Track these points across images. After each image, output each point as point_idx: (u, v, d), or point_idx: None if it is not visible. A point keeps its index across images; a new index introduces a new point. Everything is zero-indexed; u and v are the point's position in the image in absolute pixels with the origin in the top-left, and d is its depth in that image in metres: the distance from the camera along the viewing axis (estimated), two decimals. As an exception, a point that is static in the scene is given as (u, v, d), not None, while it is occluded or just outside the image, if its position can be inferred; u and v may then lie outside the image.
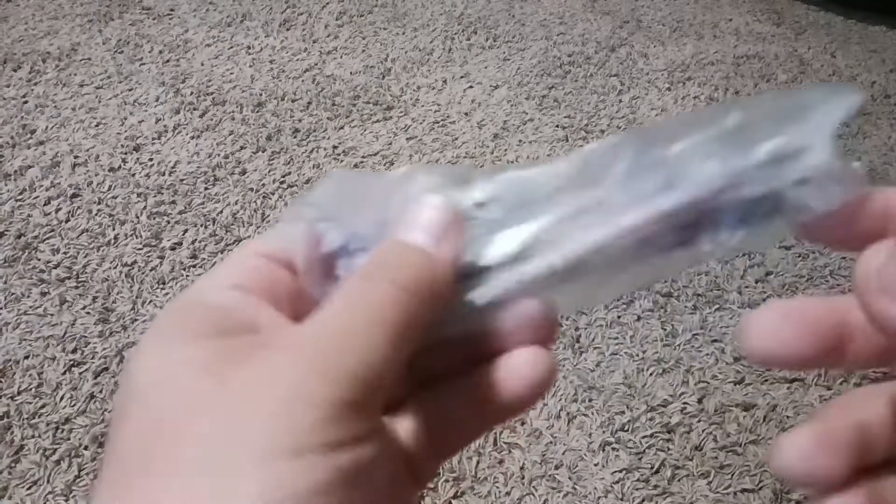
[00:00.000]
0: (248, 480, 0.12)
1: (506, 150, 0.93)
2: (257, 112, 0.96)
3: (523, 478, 0.59)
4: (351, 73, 1.05)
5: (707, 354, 0.69)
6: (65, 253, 0.75)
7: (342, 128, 0.95)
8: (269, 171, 0.87)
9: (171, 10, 1.16)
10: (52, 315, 0.69)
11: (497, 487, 0.58)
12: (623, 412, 0.64)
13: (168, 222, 0.79)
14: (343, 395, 0.13)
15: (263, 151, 0.90)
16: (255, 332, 0.15)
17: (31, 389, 0.63)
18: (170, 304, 0.16)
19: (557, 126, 0.98)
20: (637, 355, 0.69)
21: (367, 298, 0.15)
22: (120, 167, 0.86)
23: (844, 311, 0.15)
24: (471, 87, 1.04)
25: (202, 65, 1.04)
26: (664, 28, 1.22)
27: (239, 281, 0.16)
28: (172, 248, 0.76)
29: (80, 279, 0.72)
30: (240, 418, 0.13)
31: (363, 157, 0.90)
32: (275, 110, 0.97)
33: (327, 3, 1.21)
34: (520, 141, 0.95)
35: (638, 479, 0.59)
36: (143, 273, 0.73)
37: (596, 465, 0.60)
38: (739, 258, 0.80)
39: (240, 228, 0.79)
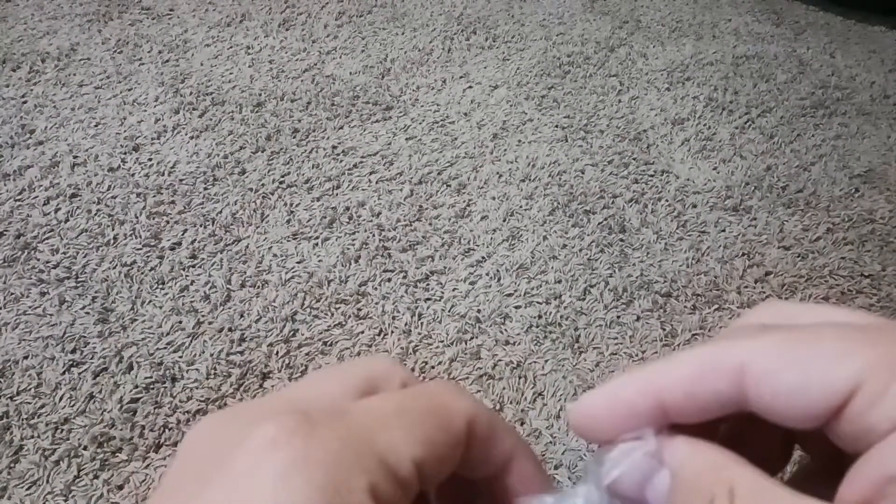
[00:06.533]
0: None
1: (505, 150, 0.93)
2: (256, 112, 0.96)
3: (523, 477, 0.59)
4: (350, 73, 1.05)
5: (706, 354, 0.69)
6: (64, 253, 0.75)
7: (341, 128, 0.95)
8: (268, 171, 0.87)
9: (171, 9, 1.16)
10: (51, 315, 0.69)
11: (496, 487, 0.58)
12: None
13: (167, 222, 0.79)
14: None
15: (263, 151, 0.90)
16: None
17: (30, 389, 0.63)
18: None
19: (557, 126, 0.98)
20: (636, 355, 0.69)
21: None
22: (119, 167, 0.86)
23: (659, 388, 0.15)
24: (470, 87, 1.04)
25: (201, 65, 1.04)
26: (663, 28, 1.22)
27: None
28: (172, 248, 0.76)
29: (79, 279, 0.72)
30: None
31: (362, 157, 0.90)
32: (274, 110, 0.97)
33: (326, 3, 1.21)
34: (519, 141, 0.95)
35: (637, 479, 0.59)
36: (142, 273, 0.73)
37: (595, 464, 0.60)
38: (738, 258, 0.80)
39: (239, 228, 0.79)
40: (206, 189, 0.84)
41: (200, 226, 0.79)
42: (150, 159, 0.87)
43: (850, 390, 0.13)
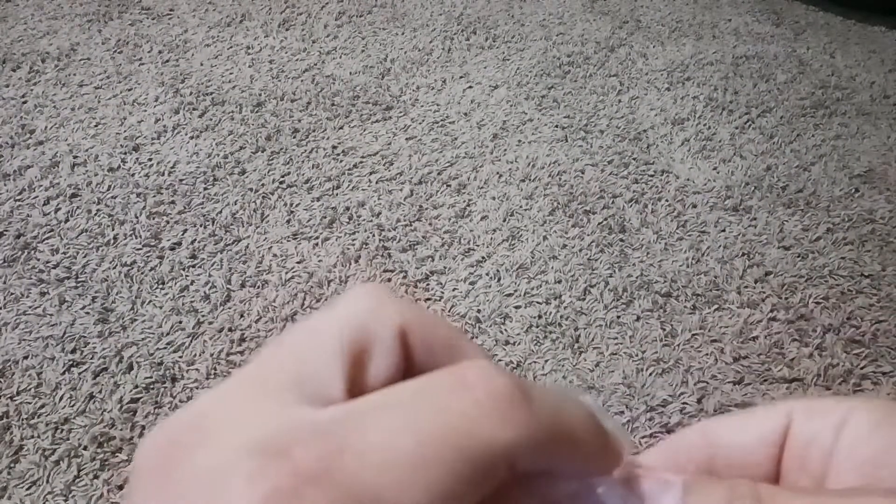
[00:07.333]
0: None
1: (505, 150, 0.93)
2: (257, 112, 0.96)
3: (523, 478, 0.59)
4: (350, 73, 1.05)
5: (706, 354, 0.69)
6: (64, 253, 0.75)
7: (342, 128, 0.95)
8: (268, 171, 0.87)
9: (171, 10, 1.16)
10: (51, 315, 0.69)
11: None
12: (622, 412, 0.64)
13: (167, 222, 0.79)
14: None
15: (263, 151, 0.90)
16: None
17: (30, 389, 0.63)
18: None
19: (556, 126, 0.98)
20: (636, 355, 0.69)
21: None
22: (119, 167, 0.86)
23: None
24: (470, 87, 1.04)
25: (201, 65, 1.04)
26: (663, 28, 1.22)
27: None
28: (172, 248, 0.76)
29: (79, 279, 0.72)
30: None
31: (363, 157, 0.90)
32: (274, 110, 0.97)
33: (326, 4, 1.21)
34: (519, 141, 0.95)
35: (637, 479, 0.59)
36: (142, 273, 0.73)
37: (595, 464, 0.60)
38: (738, 258, 0.80)
39: (239, 228, 0.79)
40: (206, 189, 0.84)
41: (200, 226, 0.79)
42: (150, 159, 0.87)
43: None
